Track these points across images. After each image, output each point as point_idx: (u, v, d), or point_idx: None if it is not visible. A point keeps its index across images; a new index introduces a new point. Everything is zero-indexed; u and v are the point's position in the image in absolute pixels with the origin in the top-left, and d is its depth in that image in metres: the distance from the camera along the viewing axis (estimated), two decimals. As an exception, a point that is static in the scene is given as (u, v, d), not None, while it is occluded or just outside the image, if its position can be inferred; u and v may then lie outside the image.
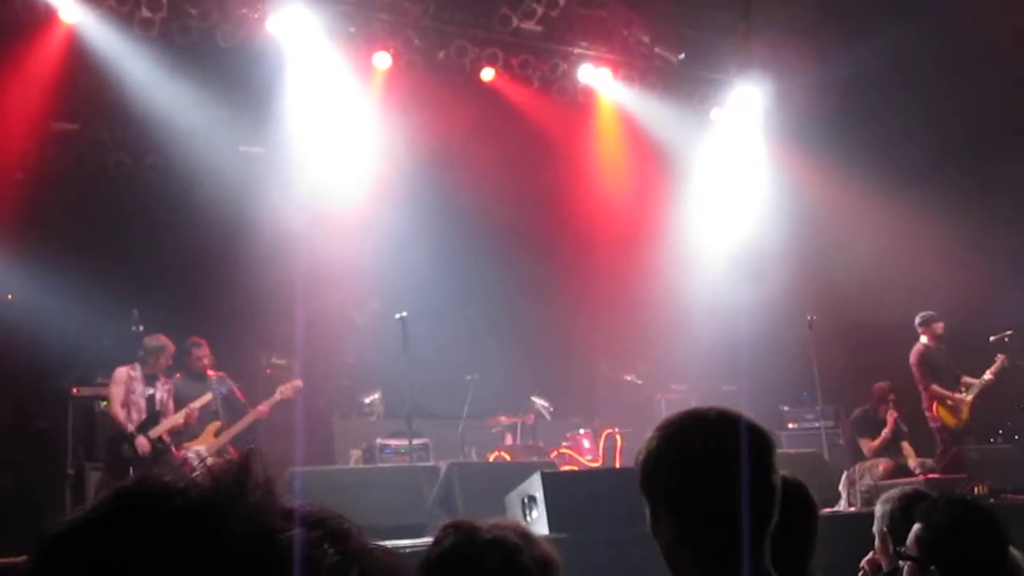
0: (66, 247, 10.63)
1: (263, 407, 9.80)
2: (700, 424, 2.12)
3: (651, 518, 2.12)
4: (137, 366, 9.40)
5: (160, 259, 11.41)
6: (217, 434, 9.62)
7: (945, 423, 11.05)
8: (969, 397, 11.06)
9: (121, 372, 9.35)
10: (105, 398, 9.65)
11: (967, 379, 11.17)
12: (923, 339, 11.25)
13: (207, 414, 9.66)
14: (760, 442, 2.09)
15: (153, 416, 9.34)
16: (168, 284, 11.23)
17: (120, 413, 9.21)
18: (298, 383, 10.05)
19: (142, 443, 9.14)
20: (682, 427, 2.13)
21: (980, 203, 12.37)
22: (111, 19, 10.49)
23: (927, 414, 11.22)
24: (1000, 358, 11.07)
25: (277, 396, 9.88)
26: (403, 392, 9.80)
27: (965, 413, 11.03)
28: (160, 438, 9.29)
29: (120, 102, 11.04)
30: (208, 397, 9.75)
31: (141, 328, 9.72)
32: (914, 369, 11.20)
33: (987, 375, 11.10)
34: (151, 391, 9.42)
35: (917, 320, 11.30)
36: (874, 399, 10.79)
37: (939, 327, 11.21)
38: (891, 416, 10.58)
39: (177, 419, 9.42)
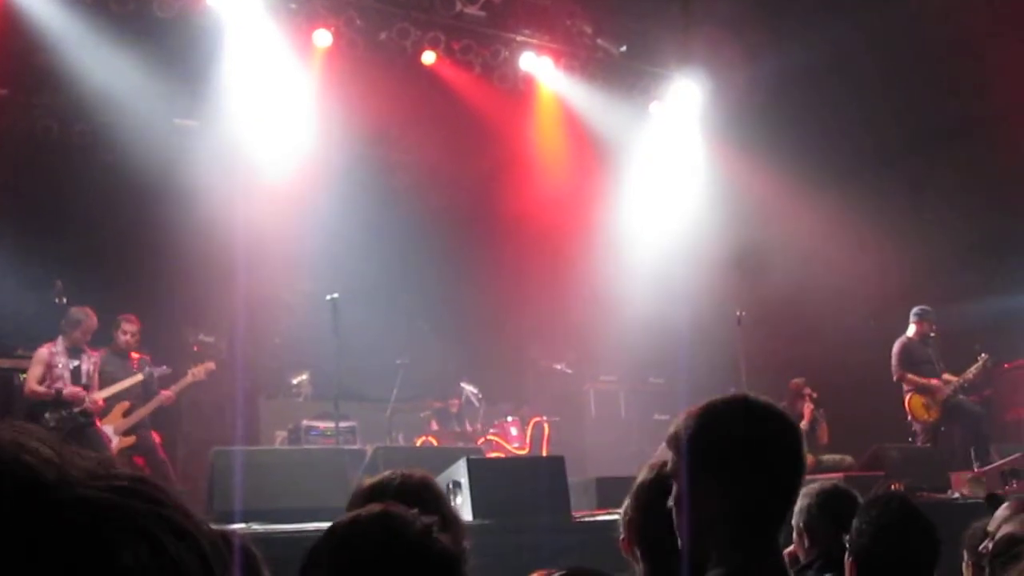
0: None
1: (169, 392, 9.63)
2: (755, 408, 2.26)
3: (689, 489, 2.20)
4: (59, 340, 9.15)
5: (86, 230, 11.15)
6: (126, 414, 9.45)
7: (916, 417, 10.94)
8: (941, 394, 10.83)
9: (42, 352, 9.09)
10: (24, 370, 9.39)
11: (948, 377, 10.92)
12: (910, 330, 11.06)
13: (122, 393, 9.49)
14: (800, 434, 2.30)
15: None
16: (94, 256, 10.98)
17: (38, 389, 8.95)
18: (211, 365, 9.87)
19: (73, 392, 8.93)
20: (739, 407, 2.26)
21: (910, 202, 12.59)
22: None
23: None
24: (983, 357, 10.85)
25: (188, 379, 9.72)
26: (331, 374, 9.74)
27: (935, 409, 10.83)
28: (85, 411, 9.09)
29: (51, 68, 10.77)
30: (138, 378, 9.58)
31: (64, 300, 9.48)
32: (892, 358, 11.01)
33: (968, 374, 10.86)
34: (76, 363, 9.18)
35: (912, 311, 11.09)
36: (791, 394, 10.89)
37: (928, 325, 10.96)
38: (807, 409, 10.70)
39: (104, 394, 9.24)
